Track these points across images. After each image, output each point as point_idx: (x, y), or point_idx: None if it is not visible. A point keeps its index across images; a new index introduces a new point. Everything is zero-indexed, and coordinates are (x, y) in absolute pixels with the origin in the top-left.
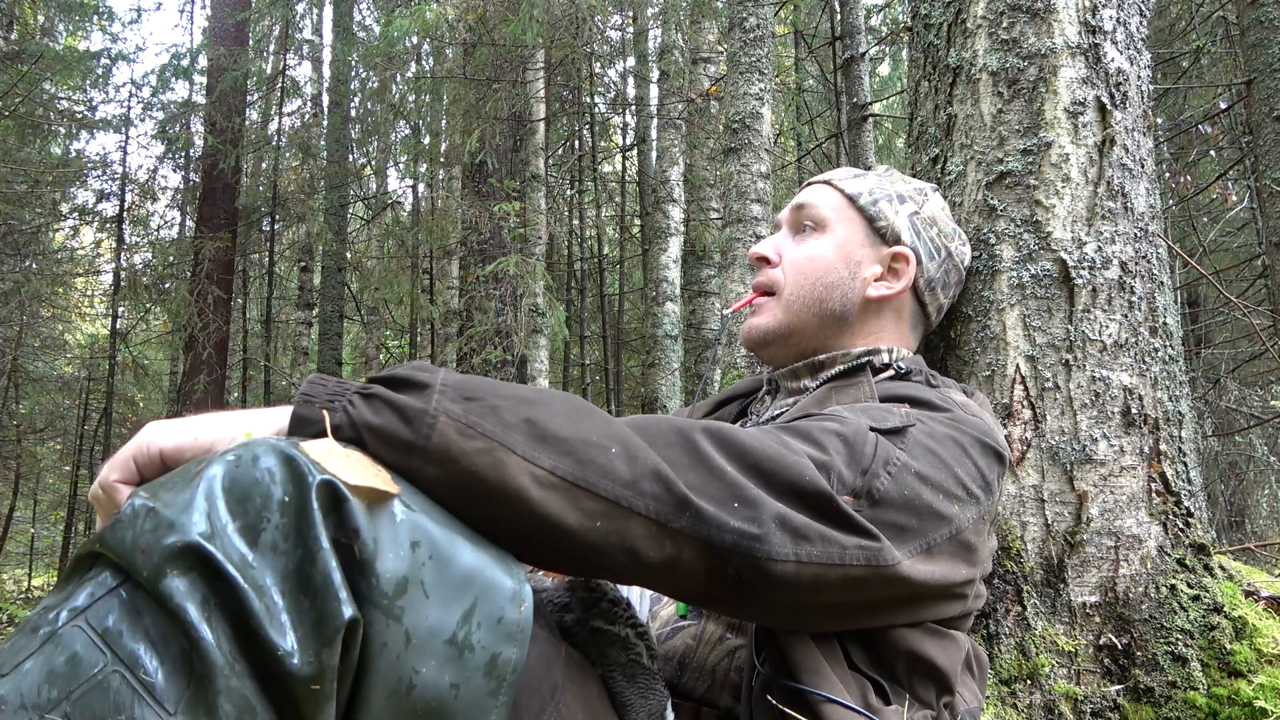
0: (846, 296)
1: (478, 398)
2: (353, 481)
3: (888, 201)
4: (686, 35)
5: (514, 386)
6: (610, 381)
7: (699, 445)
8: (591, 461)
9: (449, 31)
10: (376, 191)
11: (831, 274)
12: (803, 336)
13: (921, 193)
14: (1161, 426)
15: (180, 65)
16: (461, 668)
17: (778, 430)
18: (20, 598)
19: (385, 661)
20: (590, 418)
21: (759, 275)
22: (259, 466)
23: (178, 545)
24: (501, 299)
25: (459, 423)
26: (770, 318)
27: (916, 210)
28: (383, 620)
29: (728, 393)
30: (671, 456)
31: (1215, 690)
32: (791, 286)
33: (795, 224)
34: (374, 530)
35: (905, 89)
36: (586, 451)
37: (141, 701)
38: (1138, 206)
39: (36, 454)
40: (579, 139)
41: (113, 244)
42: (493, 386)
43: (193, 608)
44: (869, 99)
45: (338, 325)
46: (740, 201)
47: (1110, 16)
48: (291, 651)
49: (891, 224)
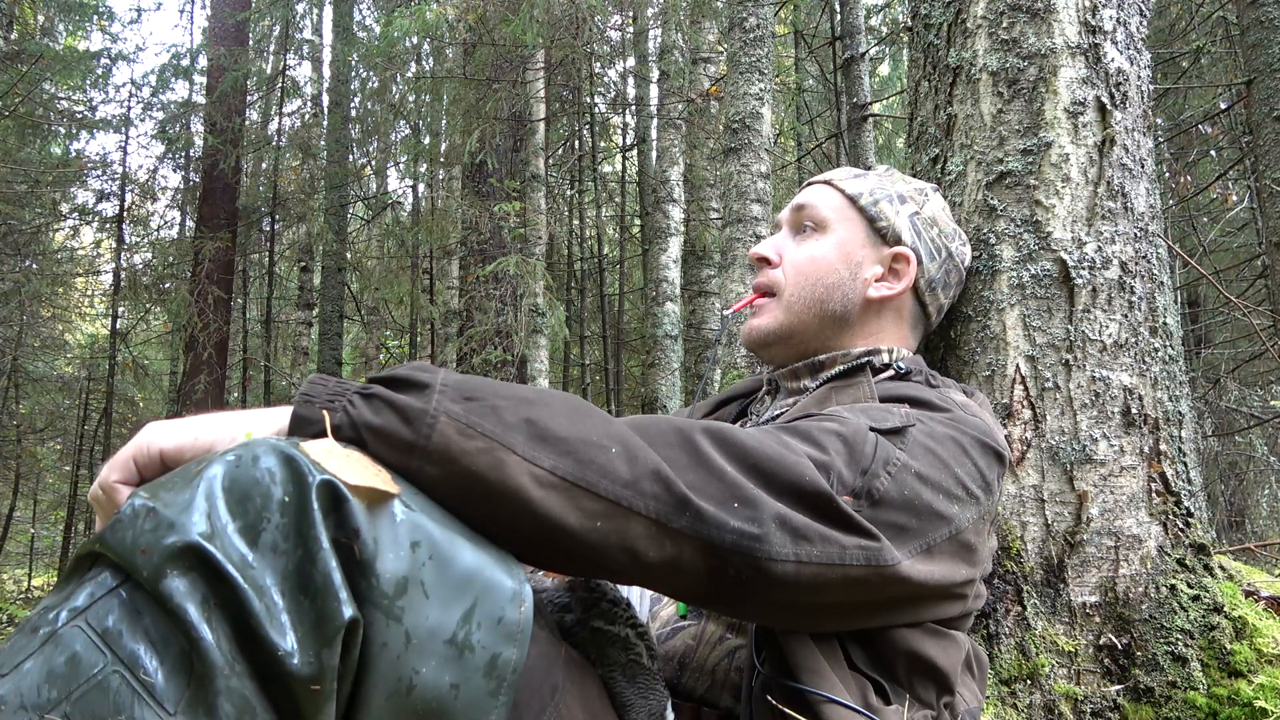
0: (847, 297)
1: (478, 398)
2: (353, 481)
3: (889, 202)
4: (686, 35)
5: (514, 386)
6: (610, 381)
7: (699, 445)
8: (591, 461)
9: (449, 31)
10: (376, 191)
11: (832, 275)
12: (804, 337)
13: (922, 193)
14: (1161, 426)
15: (180, 65)
16: (462, 668)
17: (778, 430)
18: (20, 598)
19: (385, 662)
20: (590, 418)
21: (759, 276)
22: (259, 467)
23: (178, 545)
24: (501, 299)
25: (459, 422)
26: (771, 318)
27: (917, 210)
28: (383, 620)
29: (727, 393)
30: (671, 456)
31: (1215, 690)
32: (792, 287)
33: (796, 224)
34: (374, 530)
35: (905, 89)
36: (586, 451)
37: (141, 702)
38: (1138, 206)
39: (36, 454)
40: (579, 139)
41: (113, 244)
42: (493, 386)
43: (193, 608)
44: (869, 99)
45: (338, 325)
46: (740, 201)
47: (1110, 16)
48: (291, 651)
49: (892, 224)
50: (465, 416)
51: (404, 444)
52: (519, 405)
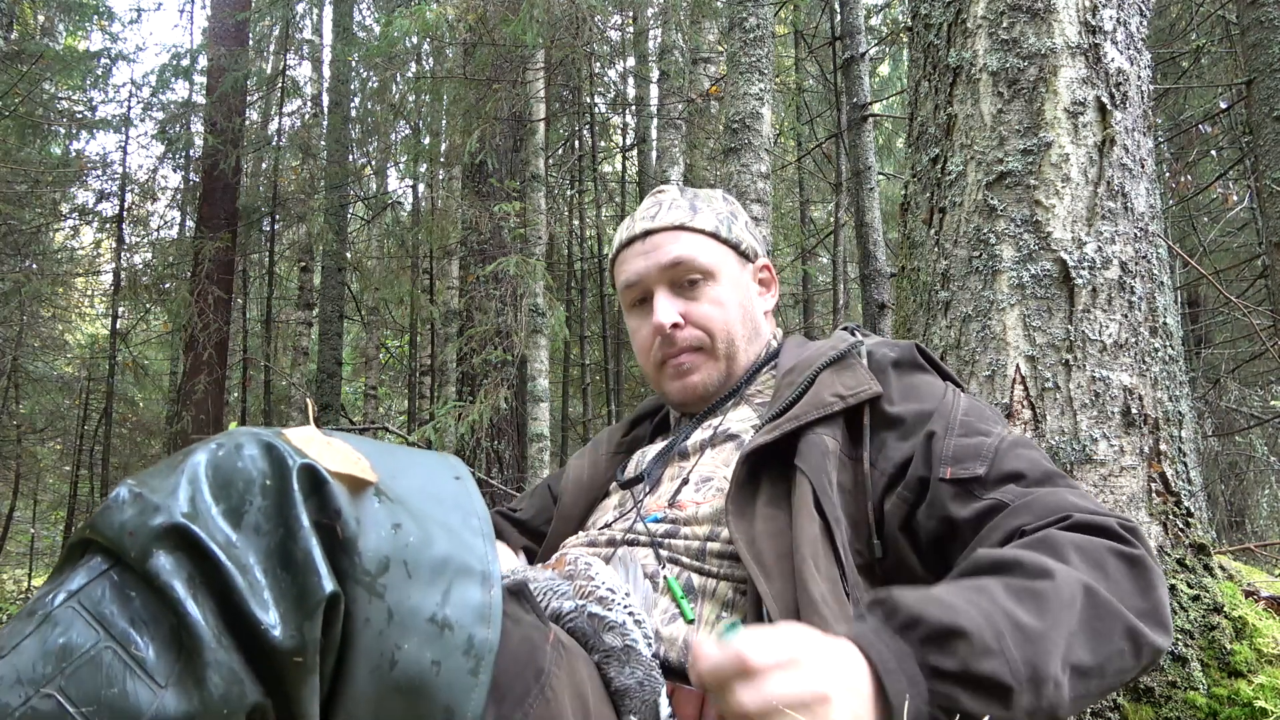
0: (755, 320)
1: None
2: (333, 467)
3: (732, 224)
4: (686, 35)
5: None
6: (610, 381)
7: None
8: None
9: (449, 31)
10: (376, 191)
11: (742, 311)
12: (738, 375)
13: (727, 200)
14: (1161, 426)
15: (180, 65)
16: (443, 645)
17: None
18: (20, 598)
19: (368, 637)
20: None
21: (676, 341)
22: (242, 453)
23: (164, 525)
24: (501, 299)
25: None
26: (708, 373)
27: (737, 219)
28: (365, 597)
29: (636, 413)
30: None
31: (1215, 690)
32: (722, 338)
33: (674, 280)
34: (356, 511)
35: (905, 89)
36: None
37: (133, 675)
38: (1138, 206)
39: (36, 454)
40: (579, 139)
41: (113, 244)
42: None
43: (179, 585)
44: (869, 99)
45: (338, 325)
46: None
47: (1110, 16)
48: (274, 625)
49: (749, 243)
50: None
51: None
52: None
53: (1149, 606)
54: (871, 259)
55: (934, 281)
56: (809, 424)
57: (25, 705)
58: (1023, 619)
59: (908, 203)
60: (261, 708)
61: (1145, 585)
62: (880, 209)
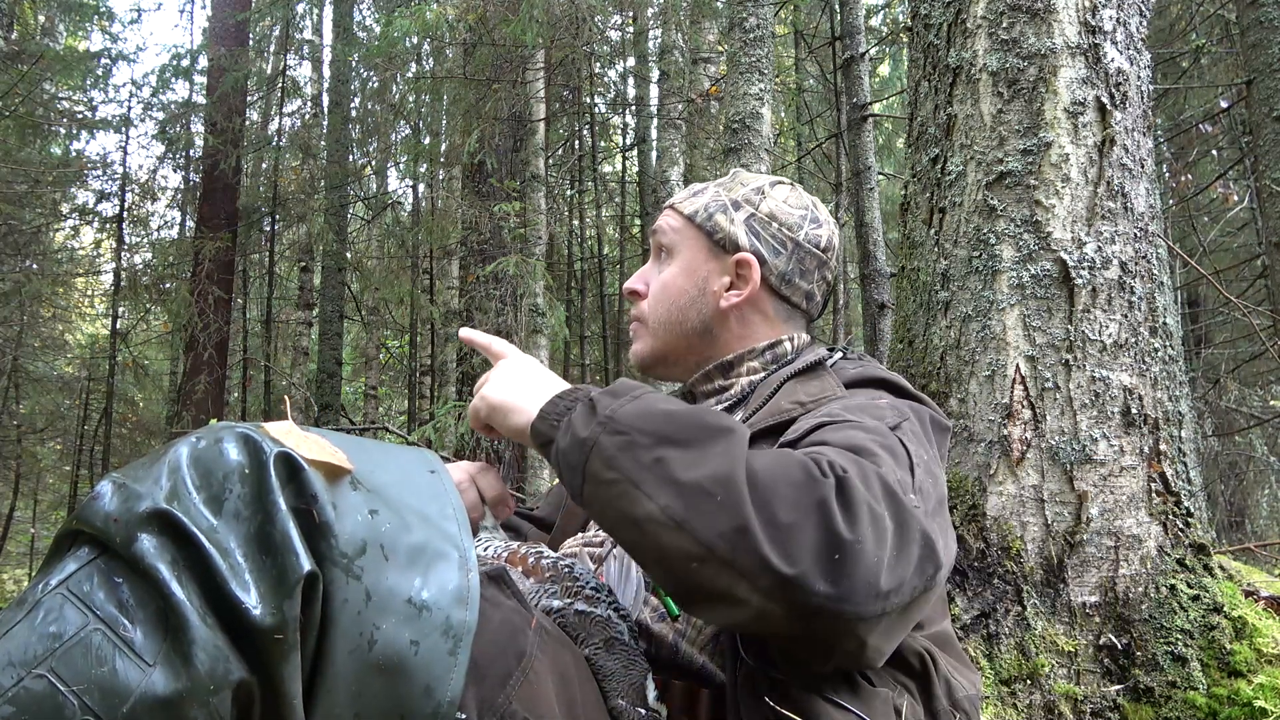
0: (702, 312)
1: (625, 432)
2: (309, 456)
3: (722, 213)
4: (686, 35)
5: (664, 415)
6: (610, 381)
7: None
8: (697, 508)
9: (449, 31)
10: (376, 191)
11: (683, 296)
12: (677, 355)
13: (759, 192)
14: (1161, 426)
15: (180, 65)
16: (420, 626)
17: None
18: None
19: (347, 617)
20: (714, 460)
21: (632, 307)
22: (221, 445)
23: (148, 511)
24: (501, 299)
25: (604, 455)
26: (643, 344)
27: (753, 213)
28: (343, 578)
29: None
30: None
31: (1215, 690)
32: (652, 315)
33: (655, 252)
34: (333, 497)
35: (905, 89)
36: (694, 498)
37: (122, 655)
38: (1138, 206)
39: (36, 454)
40: (579, 139)
41: (113, 244)
42: (642, 421)
43: (164, 567)
44: (869, 99)
45: (338, 325)
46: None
47: (1110, 16)
48: (255, 605)
49: (728, 233)
50: (610, 450)
51: (573, 465)
52: (656, 446)
53: (786, 522)
54: (871, 259)
55: (934, 281)
56: (760, 432)
57: (18, 685)
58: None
59: (908, 203)
60: (247, 685)
61: (796, 502)
62: (880, 209)
